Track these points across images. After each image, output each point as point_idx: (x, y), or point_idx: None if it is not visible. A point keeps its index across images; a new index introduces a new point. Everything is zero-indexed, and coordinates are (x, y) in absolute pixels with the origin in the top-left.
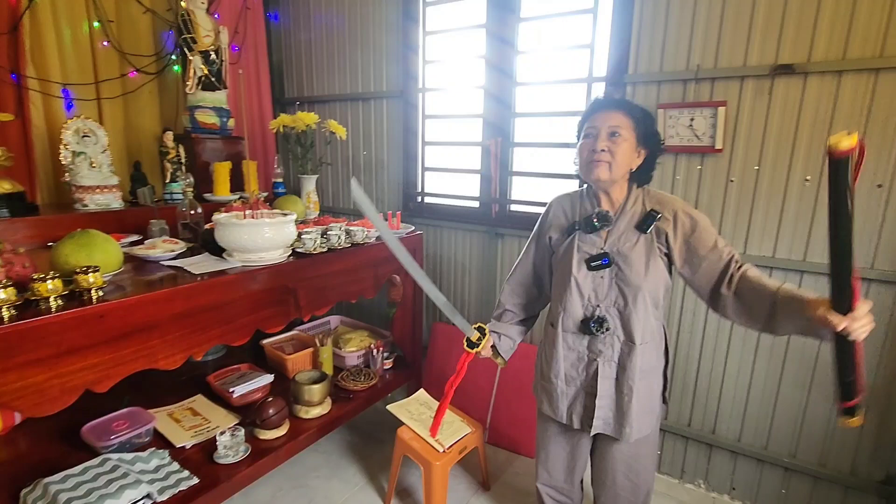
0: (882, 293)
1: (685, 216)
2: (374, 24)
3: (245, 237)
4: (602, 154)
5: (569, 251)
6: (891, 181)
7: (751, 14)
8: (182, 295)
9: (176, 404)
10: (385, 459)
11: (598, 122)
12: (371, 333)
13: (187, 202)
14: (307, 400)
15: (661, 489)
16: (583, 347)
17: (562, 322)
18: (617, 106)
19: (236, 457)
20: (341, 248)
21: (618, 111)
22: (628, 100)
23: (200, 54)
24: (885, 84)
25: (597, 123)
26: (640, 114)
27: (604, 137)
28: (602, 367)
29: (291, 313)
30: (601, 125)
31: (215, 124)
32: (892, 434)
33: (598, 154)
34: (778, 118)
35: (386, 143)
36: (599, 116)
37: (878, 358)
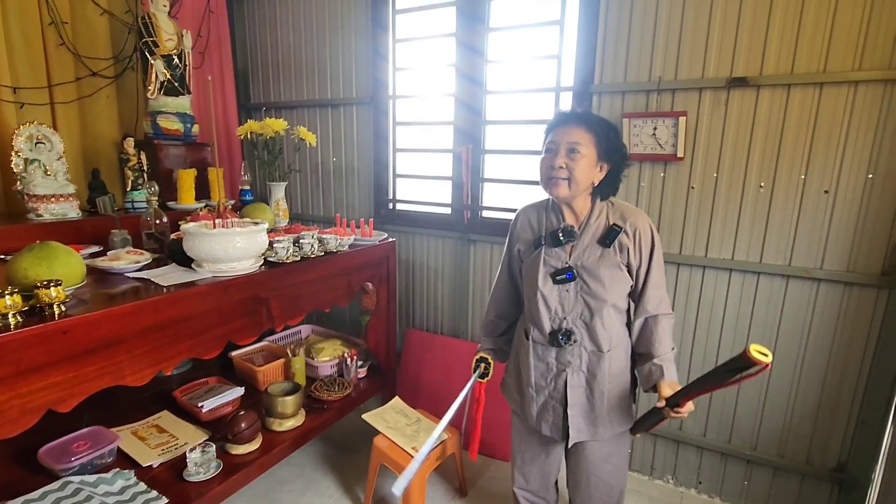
0: (830, 292)
1: (647, 234)
2: (342, 31)
3: (216, 247)
4: (560, 171)
5: (535, 265)
6: (836, 187)
7: (707, 29)
8: (150, 308)
9: (140, 422)
10: (361, 469)
11: (557, 138)
12: (344, 342)
13: (152, 211)
14: (280, 412)
15: (633, 486)
16: (551, 358)
17: (532, 334)
18: (578, 121)
19: (207, 474)
20: (314, 256)
21: (579, 126)
22: (591, 114)
23: (163, 58)
24: (829, 97)
25: (556, 138)
26: (602, 128)
27: (562, 154)
28: (571, 376)
29: (264, 324)
30: (560, 140)
31: (179, 130)
32: (841, 425)
33: (556, 171)
34: (734, 128)
35: (356, 149)
36: (560, 131)
37: (826, 354)
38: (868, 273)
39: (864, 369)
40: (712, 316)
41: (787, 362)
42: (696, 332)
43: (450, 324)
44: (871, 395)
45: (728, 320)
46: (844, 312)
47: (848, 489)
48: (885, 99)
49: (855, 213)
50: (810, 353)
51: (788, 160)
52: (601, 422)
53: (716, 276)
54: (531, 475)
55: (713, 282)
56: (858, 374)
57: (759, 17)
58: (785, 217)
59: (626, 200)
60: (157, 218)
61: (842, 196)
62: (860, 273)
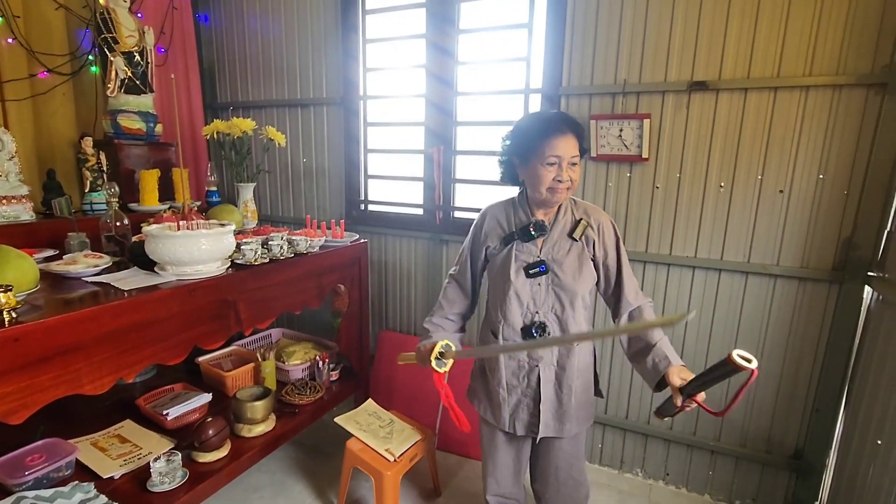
0: (786, 287)
1: (610, 229)
2: (312, 30)
3: (180, 249)
4: (566, 183)
5: (507, 260)
6: (790, 186)
7: (669, 35)
8: (109, 313)
9: (100, 432)
10: (334, 474)
11: (560, 151)
12: (316, 345)
13: (112, 213)
14: (249, 418)
15: (603, 480)
16: (523, 355)
17: (502, 331)
18: (573, 131)
19: (173, 483)
20: (284, 258)
21: (573, 136)
22: (575, 120)
23: (123, 55)
24: (783, 101)
25: (559, 153)
26: (582, 134)
27: (566, 168)
28: (543, 371)
29: (232, 328)
30: (564, 155)
31: (141, 130)
32: (798, 414)
33: (563, 184)
34: (695, 130)
35: (327, 150)
36: (560, 144)
37: (784, 346)
38: (820, 269)
39: (818, 360)
40: (677, 311)
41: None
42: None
43: (422, 324)
44: (824, 385)
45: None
46: (799, 306)
47: (805, 475)
48: (833, 103)
49: (808, 211)
50: (769, 346)
51: (746, 161)
52: (567, 417)
53: (680, 274)
54: (504, 478)
55: (677, 279)
56: (813, 364)
57: (717, 24)
58: (743, 216)
59: (594, 200)
60: (117, 220)
61: (795, 196)
62: (813, 269)
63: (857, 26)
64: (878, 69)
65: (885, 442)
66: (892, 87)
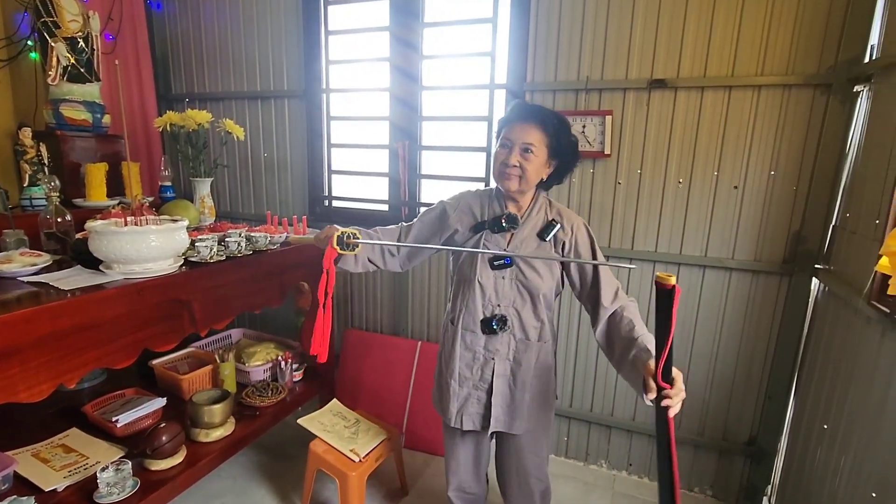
0: (741, 280)
1: (584, 233)
2: (272, 20)
3: (127, 246)
4: (513, 169)
5: (475, 250)
6: (744, 183)
7: (629, 33)
8: (47, 314)
9: (43, 442)
10: (297, 476)
11: (513, 135)
12: (278, 345)
13: (52, 208)
14: (207, 422)
15: (569, 473)
16: (480, 346)
17: (462, 320)
18: (534, 118)
19: (122, 493)
20: (242, 255)
21: (534, 125)
22: (546, 111)
23: (65, 41)
24: (737, 99)
25: (512, 136)
26: (554, 128)
27: (516, 153)
28: (498, 364)
29: (186, 328)
30: (516, 139)
31: (86, 120)
32: (752, 402)
33: (510, 168)
34: (655, 127)
35: (289, 144)
36: (516, 128)
37: (738, 337)
38: (772, 262)
39: (771, 349)
40: (638, 305)
41: (706, 346)
42: None
43: (389, 322)
44: (776, 373)
45: (653, 308)
46: (753, 298)
47: (758, 460)
48: (783, 102)
49: (760, 207)
50: (725, 337)
51: (703, 158)
52: (519, 414)
53: (641, 268)
54: (465, 474)
55: (639, 273)
56: (765, 354)
57: (675, 24)
58: (701, 211)
59: (558, 196)
60: (58, 216)
61: (749, 191)
62: (765, 262)
63: (804, 29)
64: (824, 70)
65: (830, 426)
66: (837, 87)
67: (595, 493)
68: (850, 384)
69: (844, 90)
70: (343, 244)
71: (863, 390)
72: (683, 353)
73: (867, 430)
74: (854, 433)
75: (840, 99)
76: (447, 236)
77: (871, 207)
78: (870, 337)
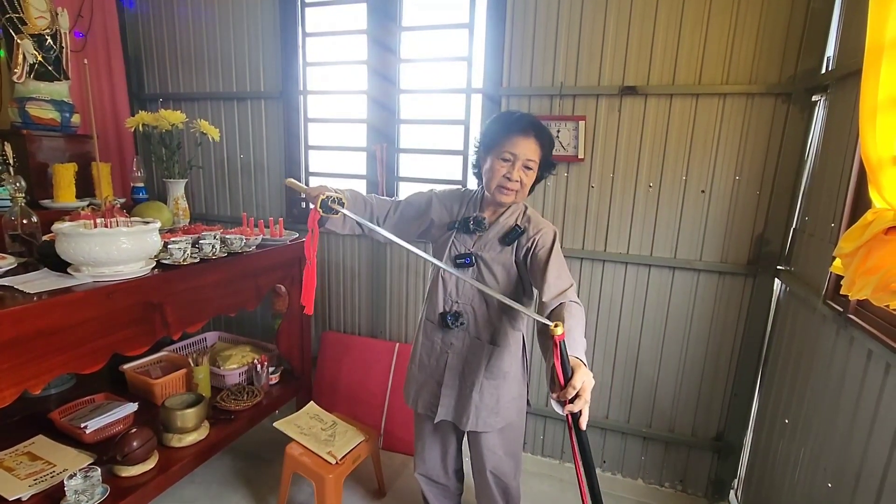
0: (708, 281)
1: (549, 236)
2: (248, 20)
3: (96, 249)
4: (514, 184)
5: (443, 247)
6: (710, 187)
7: (602, 41)
8: (10, 318)
9: (7, 450)
10: (273, 480)
11: (517, 150)
12: (254, 348)
13: (17, 210)
14: (180, 427)
15: (544, 471)
16: (438, 338)
17: (426, 311)
18: (536, 134)
19: (91, 501)
20: (216, 257)
21: (536, 141)
22: (543, 125)
23: (32, 38)
24: (704, 107)
25: (516, 151)
26: (549, 144)
27: (519, 168)
28: (451, 358)
29: (157, 332)
30: (520, 154)
31: (54, 120)
32: (719, 399)
33: (511, 183)
34: (626, 132)
35: (266, 146)
36: (520, 143)
37: (706, 336)
38: (737, 263)
39: (736, 348)
40: (611, 306)
41: (675, 345)
42: (597, 321)
43: (367, 324)
44: (741, 371)
45: (625, 309)
46: (720, 298)
47: (725, 455)
48: (747, 110)
49: (726, 210)
50: (693, 336)
51: (672, 162)
52: (468, 411)
53: (614, 269)
54: (430, 460)
55: (612, 274)
56: (731, 352)
57: (645, 33)
58: (670, 214)
59: (533, 200)
60: (23, 217)
61: (715, 195)
62: (731, 263)
63: (766, 40)
64: (785, 79)
65: (791, 420)
66: (796, 96)
67: (571, 490)
68: (809, 380)
69: (803, 99)
70: (326, 207)
71: (820, 386)
72: (654, 353)
73: (823, 424)
74: (812, 427)
75: (799, 108)
76: (426, 226)
77: (827, 211)
78: (825, 335)
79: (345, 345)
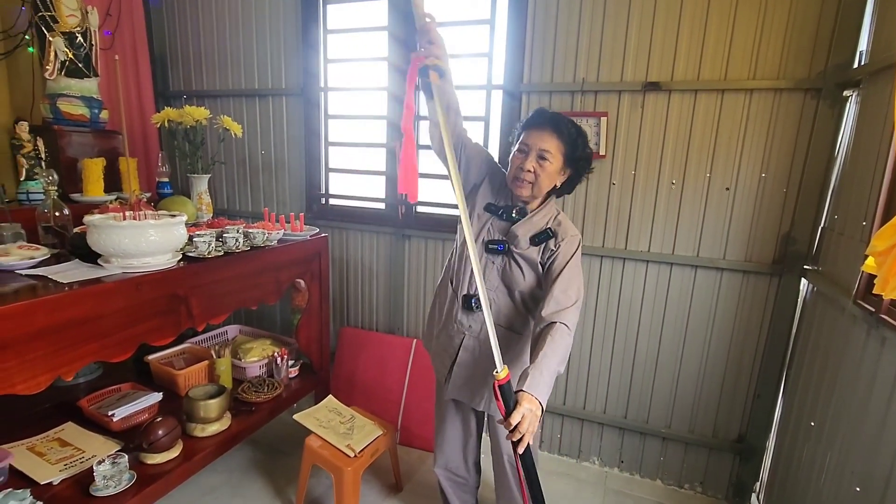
0: (732, 280)
1: (573, 245)
2: (270, 19)
3: (126, 241)
4: (527, 174)
5: (481, 230)
6: (735, 184)
7: (625, 36)
8: (45, 307)
9: (38, 436)
10: (292, 472)
11: (531, 141)
12: (274, 341)
13: (50, 202)
14: (203, 417)
15: (562, 469)
16: (457, 318)
17: (453, 285)
18: (553, 126)
19: (118, 487)
20: (239, 251)
21: (552, 133)
22: (565, 120)
23: (63, 36)
24: (729, 103)
25: (530, 142)
26: (571, 137)
27: (532, 158)
28: (467, 339)
29: (183, 323)
30: (533, 145)
31: (84, 116)
32: (741, 400)
33: (524, 173)
34: (649, 128)
35: (286, 142)
36: (535, 134)
37: (729, 336)
38: (762, 262)
39: (760, 348)
40: (631, 304)
41: (697, 345)
42: (617, 320)
43: (385, 320)
44: (765, 372)
45: (645, 307)
46: (743, 298)
47: (747, 457)
48: (774, 106)
49: (751, 208)
50: (715, 336)
51: (696, 159)
52: (479, 391)
53: (634, 268)
54: (450, 451)
55: (632, 273)
56: (755, 353)
57: (669, 28)
58: (693, 212)
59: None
60: (56, 210)
61: (740, 193)
62: (756, 262)
63: (795, 34)
64: (814, 75)
65: (817, 423)
66: (826, 91)
67: (587, 489)
68: (836, 382)
69: (834, 95)
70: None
71: (848, 388)
72: (675, 353)
73: (851, 427)
74: (839, 430)
75: (829, 103)
76: (472, 185)
77: (858, 209)
78: (855, 335)
79: (362, 340)
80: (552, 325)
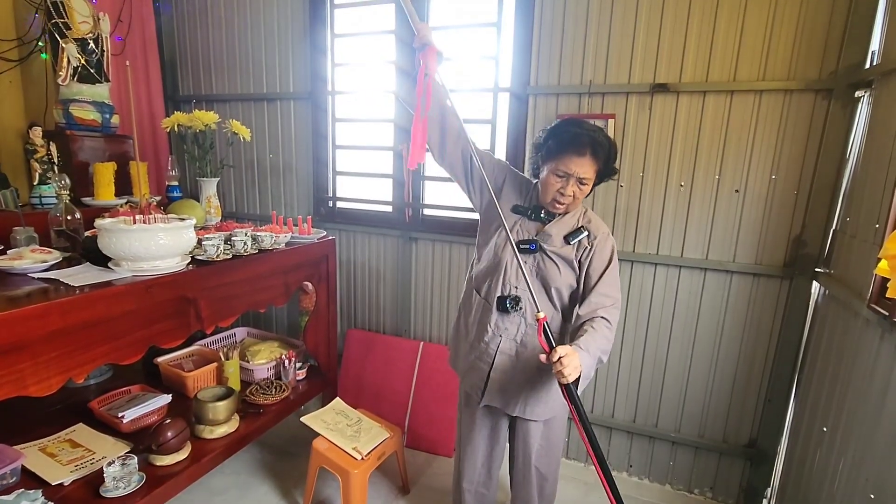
0: (742, 283)
1: (607, 246)
2: (278, 23)
3: (136, 244)
4: (567, 198)
5: (510, 229)
6: (745, 186)
7: (632, 38)
8: (57, 310)
9: (50, 437)
10: (300, 474)
11: (572, 169)
12: (282, 344)
13: (62, 206)
14: (211, 419)
15: (570, 474)
16: (492, 322)
17: (483, 293)
18: (592, 151)
19: (128, 488)
20: (247, 254)
21: (591, 158)
22: (602, 138)
23: (76, 42)
24: (738, 104)
25: (571, 170)
26: (605, 156)
27: (573, 184)
28: (504, 343)
29: (192, 326)
30: (574, 173)
31: (95, 121)
32: (752, 404)
33: (564, 198)
34: (657, 130)
35: (294, 145)
36: (575, 161)
37: (739, 340)
38: (773, 265)
39: (771, 352)
40: (640, 307)
41: (706, 348)
42: (625, 323)
43: (392, 323)
44: (776, 376)
45: (654, 310)
46: (754, 301)
47: (758, 462)
48: (784, 107)
49: (761, 210)
50: (725, 340)
51: (705, 161)
52: (515, 395)
53: (643, 270)
54: (478, 462)
55: (640, 275)
56: (766, 357)
57: (677, 29)
58: (702, 214)
59: None
60: (68, 214)
61: (750, 195)
62: (766, 265)
63: (806, 35)
64: (825, 76)
65: (830, 428)
66: (838, 92)
67: (595, 493)
68: (849, 387)
69: (845, 96)
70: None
71: (861, 393)
72: (684, 356)
73: (865, 433)
74: (852, 435)
75: (841, 104)
76: (487, 191)
77: (870, 212)
78: (868, 339)
79: (370, 343)
80: (593, 318)
